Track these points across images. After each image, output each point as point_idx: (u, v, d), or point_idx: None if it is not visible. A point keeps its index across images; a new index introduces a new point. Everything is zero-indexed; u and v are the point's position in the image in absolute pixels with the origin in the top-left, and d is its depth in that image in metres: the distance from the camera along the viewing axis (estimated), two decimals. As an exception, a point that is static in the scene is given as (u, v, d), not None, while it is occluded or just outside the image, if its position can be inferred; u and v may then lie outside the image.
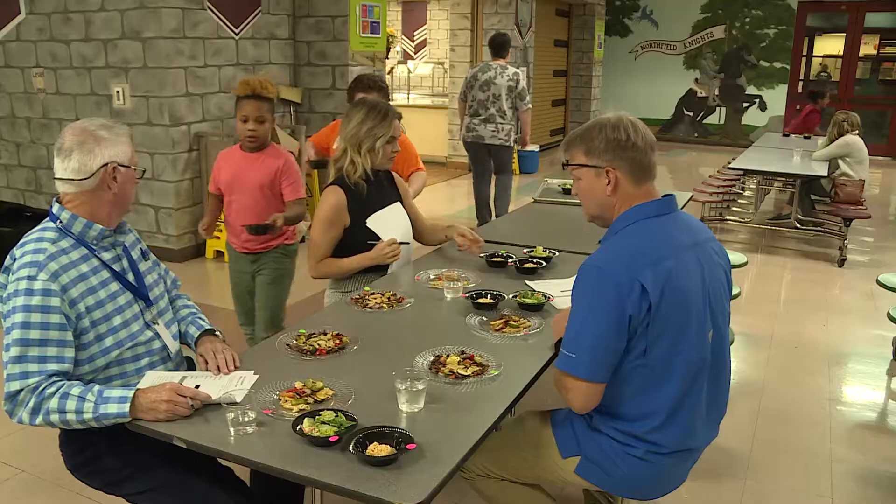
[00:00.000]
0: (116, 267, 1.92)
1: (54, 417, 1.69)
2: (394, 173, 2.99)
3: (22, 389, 1.69)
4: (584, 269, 1.74)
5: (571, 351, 1.71)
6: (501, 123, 6.16)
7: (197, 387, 1.79)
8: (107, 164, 1.84)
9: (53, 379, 1.71)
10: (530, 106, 6.31)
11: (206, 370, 1.95)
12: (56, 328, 1.72)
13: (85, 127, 1.86)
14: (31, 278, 1.72)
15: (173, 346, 2.03)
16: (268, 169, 3.14)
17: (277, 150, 3.21)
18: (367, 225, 2.77)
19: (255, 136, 3.08)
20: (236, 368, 1.94)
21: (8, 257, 1.81)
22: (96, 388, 1.73)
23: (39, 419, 1.70)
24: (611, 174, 1.79)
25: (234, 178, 3.16)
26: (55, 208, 1.86)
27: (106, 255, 1.90)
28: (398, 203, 2.95)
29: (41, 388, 1.69)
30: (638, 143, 1.78)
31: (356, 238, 2.76)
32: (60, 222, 1.84)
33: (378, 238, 2.76)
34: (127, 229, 2.03)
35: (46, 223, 1.86)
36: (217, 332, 2.12)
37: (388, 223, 2.83)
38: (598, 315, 1.68)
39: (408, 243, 2.88)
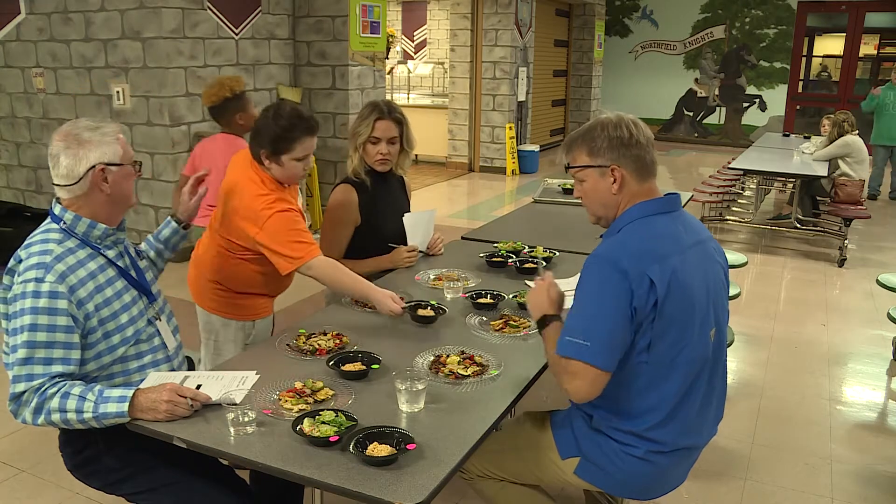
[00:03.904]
0: (121, 264, 1.92)
1: (55, 417, 1.70)
2: (405, 180, 2.97)
3: (26, 391, 1.70)
4: (593, 259, 1.73)
5: (585, 339, 1.67)
6: None
7: (198, 387, 1.79)
8: (94, 167, 1.81)
9: (56, 380, 1.71)
10: None
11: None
12: (63, 330, 1.72)
13: (69, 131, 1.82)
14: (38, 280, 1.72)
15: (172, 342, 2.03)
16: None
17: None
18: (403, 219, 2.77)
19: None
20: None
21: (12, 259, 1.80)
22: (97, 387, 1.73)
23: (41, 419, 1.71)
24: (616, 172, 1.78)
25: None
26: (57, 210, 1.84)
27: (110, 253, 1.90)
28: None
29: (43, 388, 1.70)
30: (640, 139, 1.80)
31: (371, 237, 2.74)
32: (64, 223, 1.83)
33: (399, 238, 2.76)
34: (124, 227, 2.02)
35: (49, 224, 1.84)
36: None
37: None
38: (610, 303, 1.67)
39: (423, 252, 2.90)
